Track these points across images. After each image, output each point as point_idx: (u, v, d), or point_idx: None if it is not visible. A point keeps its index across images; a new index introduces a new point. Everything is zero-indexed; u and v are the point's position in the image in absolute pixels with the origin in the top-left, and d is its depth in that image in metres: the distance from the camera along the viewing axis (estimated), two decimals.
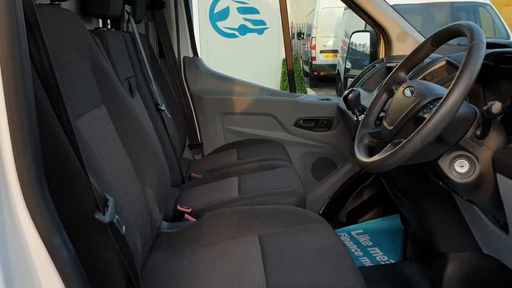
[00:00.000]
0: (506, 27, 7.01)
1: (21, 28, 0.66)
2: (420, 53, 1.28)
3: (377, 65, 2.38)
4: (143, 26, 2.49)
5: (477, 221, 1.37)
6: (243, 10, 7.91)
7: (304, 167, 2.62)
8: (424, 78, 1.53)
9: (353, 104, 1.53)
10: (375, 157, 1.11)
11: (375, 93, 1.86)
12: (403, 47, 2.40)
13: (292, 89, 2.66)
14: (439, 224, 1.58)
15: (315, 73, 11.39)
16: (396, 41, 2.40)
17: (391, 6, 2.41)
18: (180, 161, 2.22)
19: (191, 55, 2.65)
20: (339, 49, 9.79)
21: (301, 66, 10.07)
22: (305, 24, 14.04)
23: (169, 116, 2.15)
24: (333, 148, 2.61)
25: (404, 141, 1.03)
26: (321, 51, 11.18)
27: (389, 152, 1.05)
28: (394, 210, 2.53)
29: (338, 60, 9.55)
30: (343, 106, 2.45)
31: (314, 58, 11.42)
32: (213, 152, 2.56)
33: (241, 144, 2.51)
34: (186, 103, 2.56)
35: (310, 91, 8.74)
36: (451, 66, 1.51)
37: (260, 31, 8.03)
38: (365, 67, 2.71)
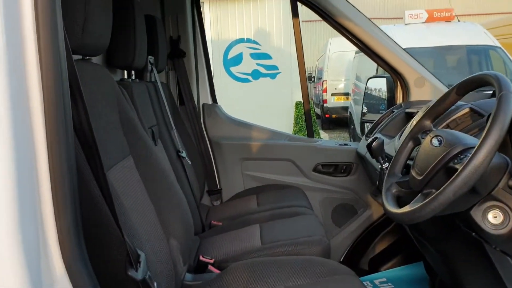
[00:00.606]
0: None
1: (66, 92, 0.67)
2: (445, 102, 1.28)
3: (395, 110, 2.39)
4: (164, 75, 2.54)
5: (510, 272, 1.33)
6: (256, 56, 8.07)
7: (324, 213, 2.59)
8: (447, 125, 1.52)
9: (377, 152, 1.52)
10: (406, 208, 1.10)
11: (396, 140, 1.86)
12: (421, 93, 2.41)
13: (310, 134, 2.67)
14: (470, 275, 1.54)
15: (326, 115, 11.48)
16: (413, 86, 2.41)
17: (405, 50, 2.44)
18: (200, 208, 2.21)
19: (210, 102, 2.69)
20: (350, 92, 9.89)
21: (313, 108, 10.18)
22: (315, 67, 14.28)
23: (190, 163, 2.16)
24: (353, 193, 2.59)
25: (436, 192, 1.02)
26: (333, 94, 11.32)
27: (421, 204, 1.04)
28: (417, 258, 2.47)
29: (350, 102, 9.62)
30: (362, 151, 2.45)
31: (325, 101, 11.53)
32: (232, 198, 2.55)
33: (261, 190, 2.50)
34: (205, 149, 2.57)
35: (323, 134, 8.77)
36: (475, 113, 1.51)
37: (273, 76, 8.16)
38: (383, 112, 2.73)
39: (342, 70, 11.08)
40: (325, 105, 11.51)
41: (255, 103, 7.81)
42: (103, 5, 1.15)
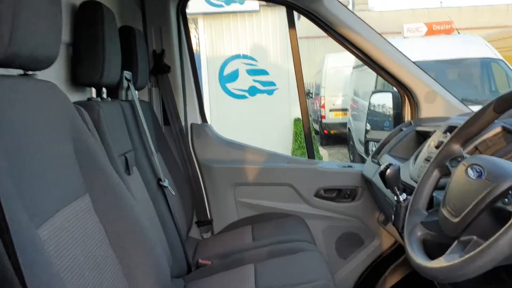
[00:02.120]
0: None
1: None
2: (479, 121, 1.03)
3: (404, 128, 2.14)
4: (146, 92, 2.29)
5: None
6: (252, 72, 7.86)
7: (328, 243, 2.32)
8: (476, 149, 1.27)
9: (393, 181, 1.26)
10: (441, 262, 0.84)
11: (411, 164, 1.60)
12: (432, 109, 2.16)
13: (311, 155, 2.41)
14: None
15: (325, 131, 11.30)
16: (424, 102, 2.17)
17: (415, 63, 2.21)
18: (186, 244, 1.94)
19: (199, 121, 2.43)
20: (349, 107, 9.69)
21: (312, 125, 10.01)
22: (312, 83, 14.12)
23: (173, 193, 1.90)
24: (359, 221, 2.32)
25: (484, 243, 0.76)
26: (331, 110, 11.19)
27: (463, 258, 0.78)
28: None
29: (349, 118, 9.41)
30: (368, 174, 2.19)
31: (323, 117, 11.38)
32: (225, 229, 2.28)
33: (256, 220, 2.23)
34: (193, 174, 2.31)
35: (322, 150, 8.51)
36: (508, 133, 1.25)
37: (270, 92, 7.94)
38: (390, 130, 2.48)
39: (339, 85, 10.94)
40: (324, 121, 11.36)
41: (252, 120, 7.57)
42: (45, 7, 0.91)
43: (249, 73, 7.90)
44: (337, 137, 10.93)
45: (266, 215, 2.28)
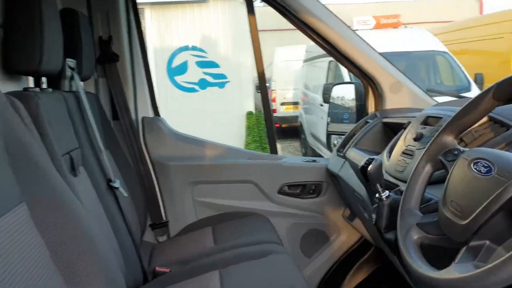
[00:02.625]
0: (466, 74, 7.03)
1: None
2: (476, 110, 0.92)
3: (370, 120, 2.05)
4: (92, 83, 2.07)
5: None
6: (202, 64, 7.65)
7: (292, 242, 2.20)
8: (461, 140, 1.18)
9: (375, 177, 1.14)
10: (453, 273, 0.72)
11: (385, 158, 1.49)
12: (397, 99, 2.08)
13: (273, 150, 2.27)
14: None
15: (276, 125, 11.25)
16: (389, 92, 2.08)
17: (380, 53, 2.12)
18: (140, 249, 1.76)
19: (151, 115, 2.23)
20: (300, 101, 9.68)
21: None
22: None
23: (125, 195, 1.71)
24: (324, 217, 2.22)
25: (507, 255, 0.65)
26: (282, 103, 11.14)
27: (483, 269, 0.66)
28: None
29: (300, 112, 9.40)
30: (334, 168, 2.09)
31: (275, 110, 11.33)
32: (182, 231, 2.10)
33: (217, 220, 2.07)
34: (146, 173, 2.11)
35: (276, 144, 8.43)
36: (496, 124, 1.17)
37: (221, 85, 7.76)
38: (349, 123, 2.40)
39: (290, 79, 10.92)
40: (275, 114, 11.30)
41: (203, 114, 7.37)
42: None
43: (198, 66, 7.69)
44: (289, 130, 10.92)
45: (227, 215, 2.13)
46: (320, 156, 7.93)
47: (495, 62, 8.20)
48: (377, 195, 1.16)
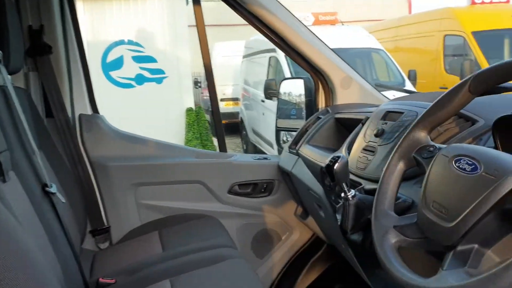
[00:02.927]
0: (401, 70, 7.26)
1: None
2: (450, 103, 0.87)
3: (321, 116, 2.00)
4: (22, 78, 1.86)
5: None
6: (139, 59, 7.36)
7: (243, 243, 2.11)
8: None
9: (342, 176, 1.08)
10: (447, 281, 0.66)
11: (344, 154, 1.44)
12: (347, 95, 2.05)
13: (222, 148, 2.17)
14: None
15: None
16: (339, 88, 2.04)
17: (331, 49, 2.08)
18: (80, 258, 1.60)
19: (89, 112, 2.06)
20: (240, 96, 9.63)
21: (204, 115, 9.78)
22: (201, 73, 13.84)
23: (63, 201, 1.54)
24: (276, 216, 2.15)
25: (508, 262, 0.59)
26: (221, 99, 11.04)
27: (482, 276, 0.61)
28: (358, 286, 2.11)
29: (241, 107, 9.35)
30: (286, 166, 2.02)
31: None
32: (126, 237, 1.95)
33: (164, 224, 1.95)
34: (84, 175, 1.94)
35: (216, 141, 8.32)
36: (460, 118, 1.14)
37: (159, 80, 7.51)
38: (297, 119, 2.35)
39: (229, 74, 10.85)
40: None
41: (140, 111, 7.09)
42: None
43: (135, 60, 7.39)
44: (229, 126, 10.83)
45: (174, 218, 2.01)
46: (262, 152, 7.92)
47: (426, 59, 8.56)
48: (342, 194, 1.10)
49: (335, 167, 1.06)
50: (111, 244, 1.96)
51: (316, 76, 2.10)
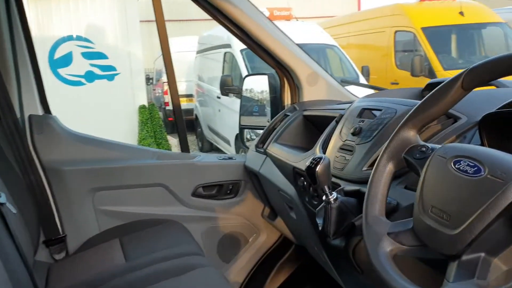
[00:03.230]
0: (354, 66, 7.35)
1: None
2: (442, 100, 0.82)
3: (289, 114, 1.94)
4: None
5: None
6: (88, 55, 7.07)
7: (209, 247, 2.03)
8: None
9: (324, 179, 1.02)
10: None
11: (318, 153, 1.38)
12: (314, 91, 2.01)
13: (184, 148, 2.07)
14: None
15: (170, 119, 10.94)
16: (306, 84, 1.99)
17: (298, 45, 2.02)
18: (33, 271, 1.46)
19: (40, 112, 1.90)
20: (194, 93, 9.47)
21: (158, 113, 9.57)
22: (152, 69, 13.52)
23: (14, 211, 1.40)
24: (242, 218, 2.08)
25: None
26: None
27: None
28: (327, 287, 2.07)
29: (195, 104, 9.20)
30: (253, 165, 1.95)
31: (167, 104, 10.99)
32: (84, 247, 1.82)
33: (125, 231, 1.83)
34: (37, 181, 1.79)
35: (172, 139, 8.13)
36: (441, 116, 1.11)
37: (110, 77, 7.25)
38: (259, 116, 2.30)
39: (183, 70, 10.64)
40: (168, 107, 10.96)
41: (91, 109, 6.83)
42: None
43: (84, 57, 7.10)
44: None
45: (136, 223, 1.89)
46: (218, 149, 7.82)
47: (378, 55, 8.73)
48: (323, 197, 1.04)
49: (317, 169, 1.00)
50: (67, 255, 1.83)
51: (281, 72, 2.04)
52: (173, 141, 7.95)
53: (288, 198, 1.62)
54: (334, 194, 1.03)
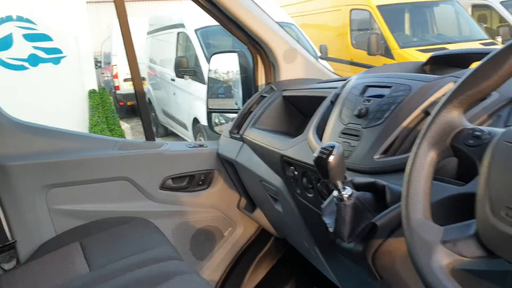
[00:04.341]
0: (313, 45, 7.23)
1: None
2: (497, 71, 0.65)
3: (266, 95, 1.76)
4: None
5: None
6: (31, 37, 6.56)
7: (181, 245, 1.83)
8: (427, 113, 0.94)
9: (338, 172, 0.84)
10: None
11: (313, 139, 1.20)
12: (292, 69, 1.83)
13: (149, 136, 1.84)
14: None
15: (121, 103, 10.52)
16: (283, 62, 1.81)
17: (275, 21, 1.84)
18: None
19: None
20: (146, 76, 9.08)
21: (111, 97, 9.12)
22: (100, 52, 12.89)
23: None
24: (216, 211, 1.89)
25: None
26: (125, 80, 10.40)
27: None
28: (307, 282, 1.94)
29: (148, 88, 8.82)
30: (229, 154, 1.76)
31: (117, 88, 10.57)
32: (38, 253, 1.58)
33: (85, 232, 1.60)
34: None
35: (124, 124, 7.75)
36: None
37: (56, 61, 6.78)
38: (225, 98, 2.12)
39: None
40: (118, 92, 10.53)
41: (38, 95, 6.37)
42: None
43: (27, 39, 6.58)
44: (135, 108, 10.25)
45: (98, 223, 1.67)
46: (174, 134, 7.54)
47: (333, 34, 8.65)
48: (334, 193, 0.87)
49: (330, 161, 0.82)
50: (18, 264, 1.58)
51: (254, 49, 1.85)
52: (125, 126, 7.60)
53: (272, 189, 1.45)
54: (349, 189, 0.86)
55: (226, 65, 2.20)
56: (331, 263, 1.33)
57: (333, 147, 0.83)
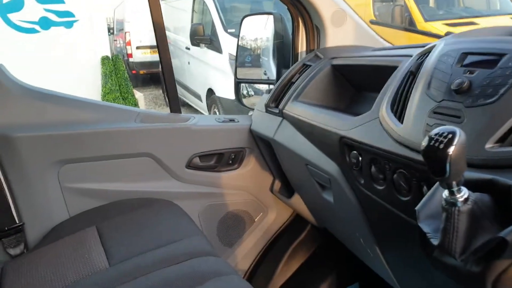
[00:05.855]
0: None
1: None
2: None
3: (310, 63, 1.52)
4: None
5: None
6: None
7: (208, 229, 1.64)
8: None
9: (459, 169, 0.61)
10: None
11: (394, 121, 0.97)
12: (340, 35, 1.60)
13: (175, 108, 1.62)
14: None
15: (133, 71, 10.29)
16: (330, 25, 1.57)
17: None
18: None
19: None
20: None
21: (124, 65, 8.87)
22: (112, 18, 12.59)
23: None
24: (247, 193, 1.69)
25: None
26: (138, 47, 10.15)
27: None
28: (349, 277, 1.75)
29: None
30: (264, 131, 1.55)
31: (130, 55, 10.32)
32: (49, 238, 1.38)
33: (103, 215, 1.40)
34: None
35: (137, 93, 7.53)
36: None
37: (68, 24, 6.53)
38: (249, 66, 1.90)
39: (146, 19, 9.85)
40: (131, 59, 10.30)
41: (48, 60, 6.15)
42: None
43: (38, 1, 6.33)
44: (148, 77, 10.03)
45: (117, 205, 1.47)
46: (187, 105, 7.32)
47: (353, 4, 8.28)
48: (445, 194, 0.64)
49: (450, 152, 0.59)
50: (26, 249, 1.39)
51: (296, 10, 1.61)
52: (139, 95, 7.39)
53: (323, 175, 1.23)
54: (465, 190, 0.64)
55: (258, 30, 1.96)
56: (397, 267, 1.12)
57: (453, 133, 0.61)
